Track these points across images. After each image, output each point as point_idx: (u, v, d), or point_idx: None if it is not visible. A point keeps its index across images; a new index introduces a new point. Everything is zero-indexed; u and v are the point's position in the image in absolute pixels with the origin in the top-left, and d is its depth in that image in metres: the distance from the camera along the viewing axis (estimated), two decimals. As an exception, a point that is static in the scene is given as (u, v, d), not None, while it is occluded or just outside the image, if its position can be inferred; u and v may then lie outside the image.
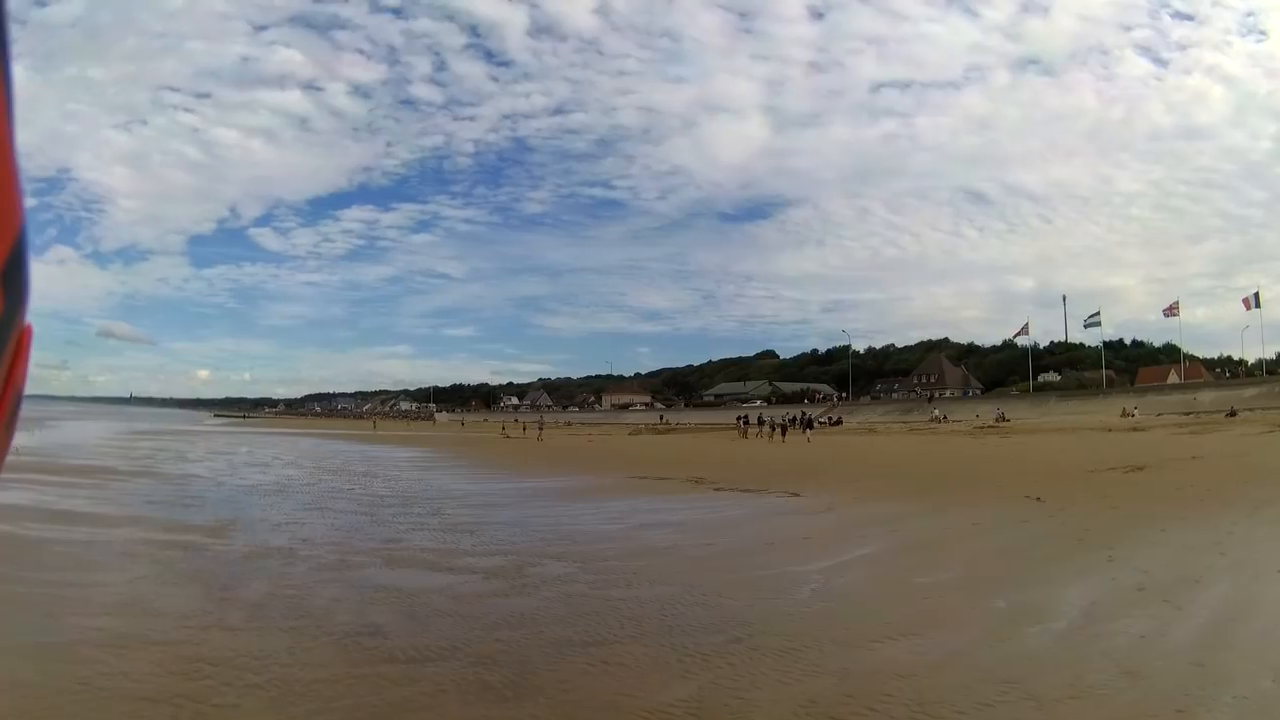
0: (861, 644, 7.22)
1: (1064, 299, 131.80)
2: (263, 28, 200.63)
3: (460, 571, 10.63)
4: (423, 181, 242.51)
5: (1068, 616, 8.04)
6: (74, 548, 11.35)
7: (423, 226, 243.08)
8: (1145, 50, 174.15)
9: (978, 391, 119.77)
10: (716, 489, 21.56)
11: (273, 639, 7.34)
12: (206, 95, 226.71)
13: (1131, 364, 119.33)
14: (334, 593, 9.26)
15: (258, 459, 34.38)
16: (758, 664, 6.74)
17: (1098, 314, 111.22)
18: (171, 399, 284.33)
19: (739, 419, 69.82)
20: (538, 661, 6.89)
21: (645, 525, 15.00)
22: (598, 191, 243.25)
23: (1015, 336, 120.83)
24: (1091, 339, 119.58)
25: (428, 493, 21.59)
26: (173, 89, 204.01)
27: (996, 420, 70.43)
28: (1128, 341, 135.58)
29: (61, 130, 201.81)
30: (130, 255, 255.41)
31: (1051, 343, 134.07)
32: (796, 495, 19.41)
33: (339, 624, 7.92)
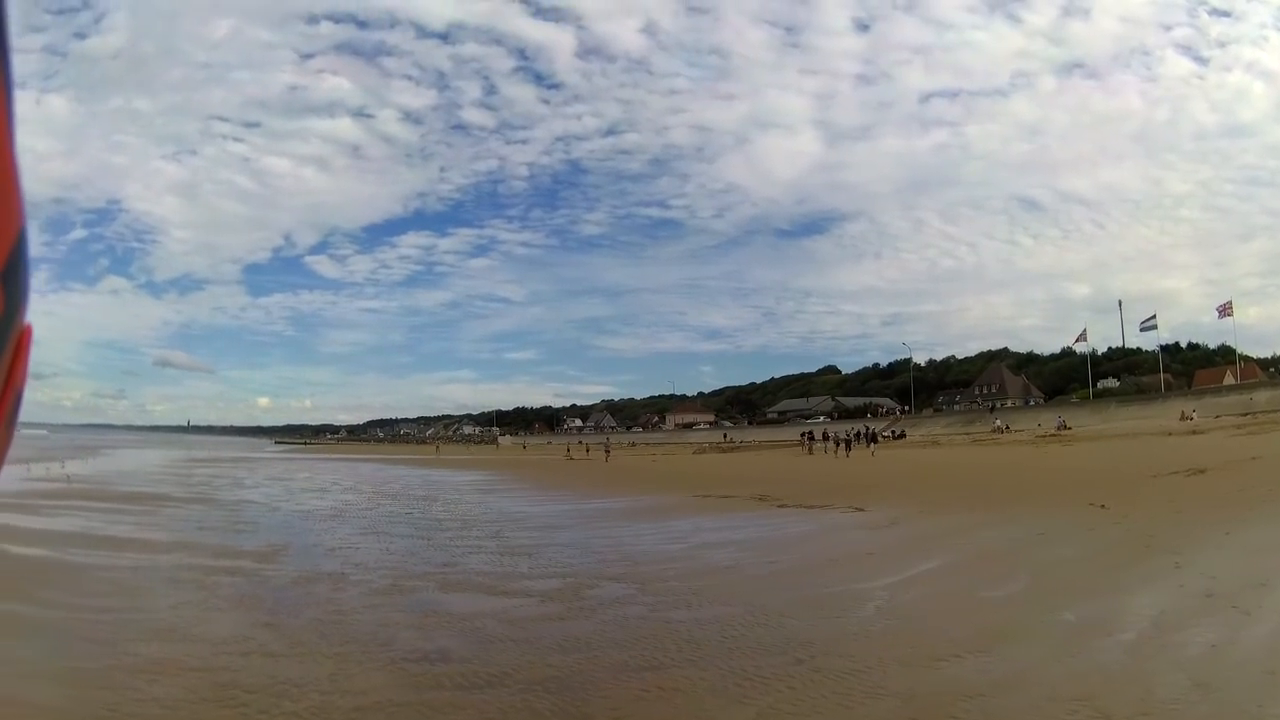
0: (927, 663, 6.94)
1: (1120, 304, 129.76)
2: (309, 56, 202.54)
3: (515, 595, 10.26)
4: (478, 206, 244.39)
5: (1136, 627, 7.71)
6: (118, 573, 11.18)
7: (480, 251, 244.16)
8: (1186, 49, 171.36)
9: (1039, 400, 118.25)
10: (780, 505, 21.13)
11: (315, 665, 7.04)
12: (256, 124, 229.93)
13: (1188, 367, 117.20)
14: (383, 618, 8.94)
15: (316, 485, 34.21)
16: (819, 687, 6.44)
17: (1153, 318, 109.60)
18: (231, 427, 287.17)
19: (803, 435, 69.36)
20: (590, 688, 6.56)
21: (707, 544, 14.59)
22: (654, 211, 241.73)
23: (1074, 344, 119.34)
24: (1148, 343, 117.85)
25: (487, 515, 21.24)
26: (221, 119, 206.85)
27: (1058, 429, 69.35)
28: (1183, 344, 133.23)
29: (109, 161, 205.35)
30: (185, 285, 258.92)
31: (1109, 348, 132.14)
32: (860, 510, 18.96)
33: (385, 650, 7.60)
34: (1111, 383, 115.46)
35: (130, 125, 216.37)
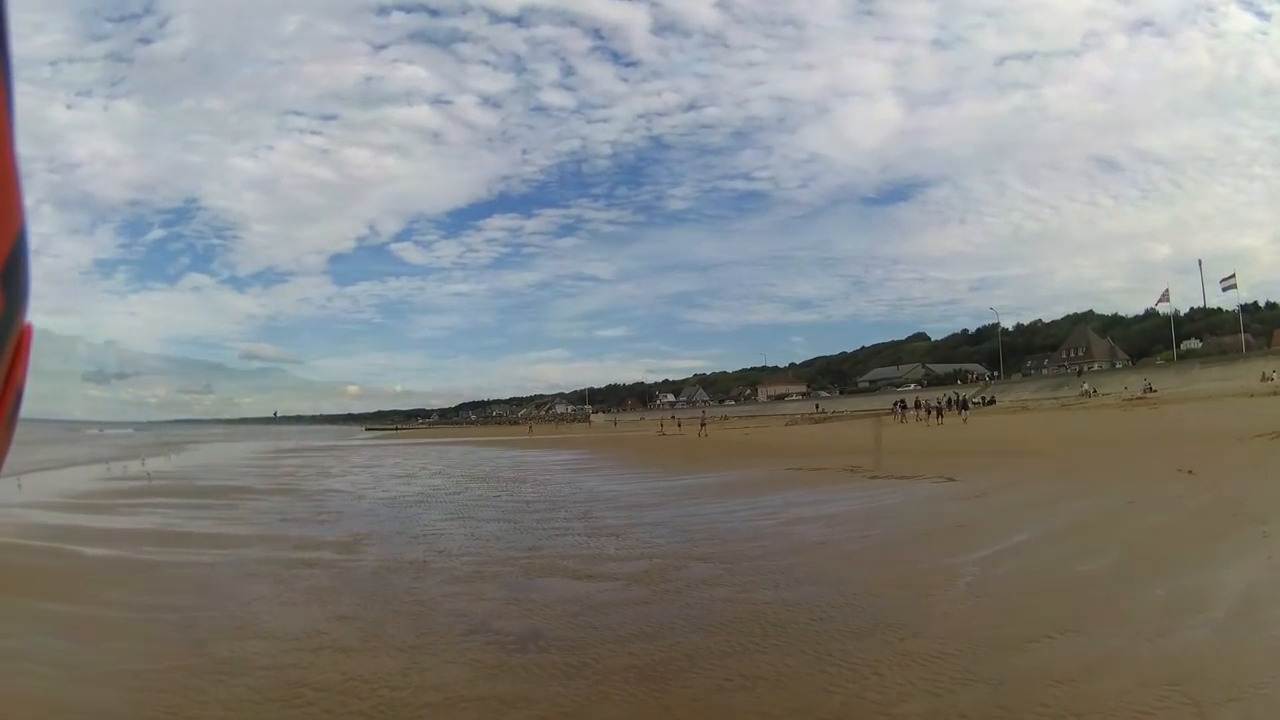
0: (1017, 645, 6.66)
1: (1200, 264, 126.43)
2: (382, 46, 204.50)
3: (600, 579, 9.96)
4: (563, 186, 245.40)
5: (1226, 605, 7.35)
6: (192, 570, 11.04)
7: (567, 230, 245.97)
8: (1248, 4, 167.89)
9: (1124, 363, 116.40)
10: (872, 477, 20.71)
11: (388, 660, 6.79)
12: (333, 116, 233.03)
13: (1268, 326, 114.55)
14: (462, 607, 8.67)
15: (404, 470, 33.92)
16: (906, 672, 6.11)
17: (1232, 276, 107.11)
18: (320, 416, 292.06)
19: (895, 404, 69.07)
20: (670, 677, 6.25)
21: (798, 520, 14.26)
22: (739, 184, 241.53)
23: (1156, 304, 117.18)
24: (1228, 302, 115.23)
25: (576, 496, 20.99)
26: (296, 113, 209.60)
27: (1144, 392, 68.40)
28: (1262, 304, 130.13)
29: (185, 161, 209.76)
30: (269, 278, 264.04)
31: (1191, 309, 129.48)
32: (951, 480, 18.53)
33: (461, 642, 7.34)
34: (1194, 344, 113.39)
35: (204, 125, 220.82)
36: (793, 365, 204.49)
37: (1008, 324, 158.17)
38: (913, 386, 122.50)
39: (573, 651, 6.93)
